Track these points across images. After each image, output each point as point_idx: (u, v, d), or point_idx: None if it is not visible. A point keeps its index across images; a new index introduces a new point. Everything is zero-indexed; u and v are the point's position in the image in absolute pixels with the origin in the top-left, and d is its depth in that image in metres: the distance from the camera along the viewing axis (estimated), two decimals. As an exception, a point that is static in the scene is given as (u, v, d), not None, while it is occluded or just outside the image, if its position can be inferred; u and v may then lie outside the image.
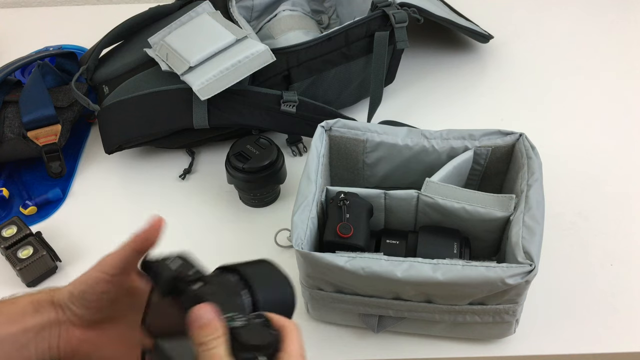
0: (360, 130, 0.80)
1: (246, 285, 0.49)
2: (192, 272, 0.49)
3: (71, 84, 0.96)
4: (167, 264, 0.50)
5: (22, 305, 0.52)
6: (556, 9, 1.23)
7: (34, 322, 0.52)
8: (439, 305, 0.70)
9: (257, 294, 0.48)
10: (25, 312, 0.52)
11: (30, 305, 0.52)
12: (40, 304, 0.52)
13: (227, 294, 0.48)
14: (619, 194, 0.92)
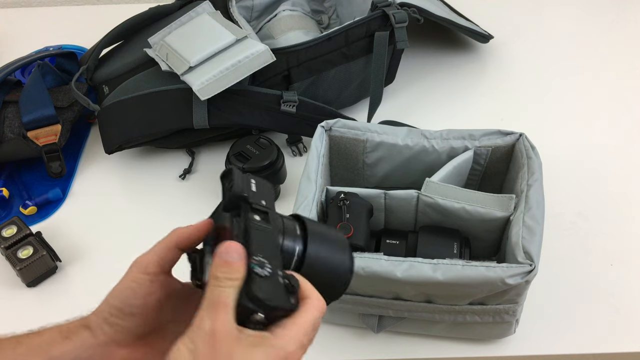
0: (360, 130, 0.80)
1: (303, 236, 0.46)
2: (263, 202, 0.46)
3: (71, 84, 0.96)
4: (248, 181, 0.47)
5: (48, 334, 0.48)
6: (556, 9, 1.23)
7: (63, 350, 0.47)
8: (439, 305, 0.70)
9: (309, 247, 0.46)
10: (52, 340, 0.47)
11: (58, 334, 0.48)
12: (70, 330, 0.48)
13: (276, 238, 0.45)
14: (619, 194, 0.92)
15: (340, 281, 0.48)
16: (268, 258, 0.43)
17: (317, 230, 0.48)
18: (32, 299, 0.83)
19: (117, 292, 0.48)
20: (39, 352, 0.47)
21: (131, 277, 0.47)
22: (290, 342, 0.42)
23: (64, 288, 0.84)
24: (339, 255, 0.48)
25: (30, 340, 0.48)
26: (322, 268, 0.47)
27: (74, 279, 0.86)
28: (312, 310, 0.43)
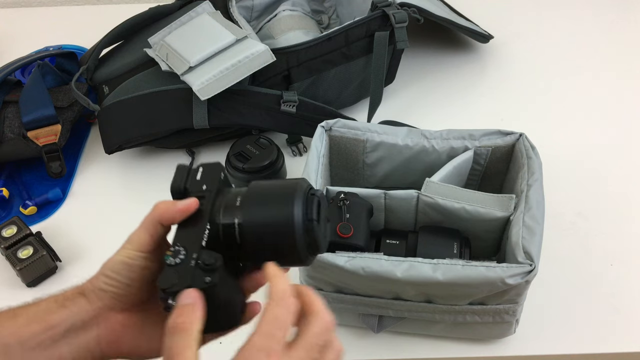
0: (360, 130, 0.80)
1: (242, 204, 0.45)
2: (204, 187, 0.47)
3: (71, 84, 0.96)
4: (195, 171, 0.48)
5: (45, 304, 0.49)
6: (556, 9, 1.23)
7: (60, 318, 0.48)
8: (439, 305, 0.70)
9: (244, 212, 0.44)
10: (49, 309, 0.48)
11: (53, 303, 0.49)
12: (67, 298, 0.49)
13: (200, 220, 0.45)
14: (619, 194, 0.92)
15: (284, 233, 0.43)
16: (186, 244, 0.44)
17: (255, 191, 0.46)
18: (32, 299, 0.83)
19: (112, 263, 0.49)
20: (37, 321, 0.48)
21: (126, 254, 0.49)
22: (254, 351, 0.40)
23: (64, 288, 0.84)
24: (278, 207, 0.44)
25: (27, 310, 0.49)
26: (262, 230, 0.44)
27: (74, 279, 0.85)
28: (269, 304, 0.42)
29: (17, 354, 0.47)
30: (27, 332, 0.47)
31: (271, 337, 0.41)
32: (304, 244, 0.44)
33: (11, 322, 0.48)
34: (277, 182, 0.47)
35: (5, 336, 0.47)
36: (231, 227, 0.45)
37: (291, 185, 0.45)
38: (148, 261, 0.49)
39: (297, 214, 0.43)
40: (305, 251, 0.45)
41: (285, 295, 0.42)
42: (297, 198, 0.44)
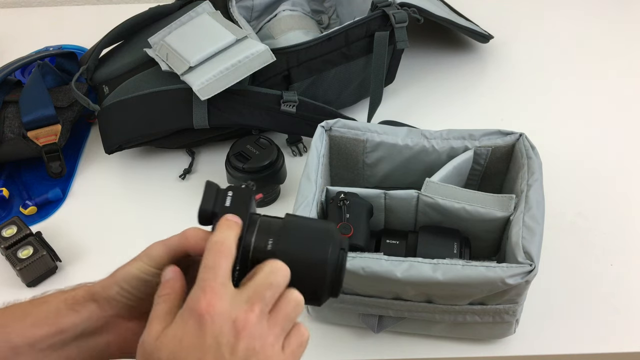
0: (360, 130, 0.80)
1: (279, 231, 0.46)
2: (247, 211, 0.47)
3: (71, 84, 0.96)
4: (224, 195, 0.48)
5: (55, 304, 0.48)
6: (556, 9, 1.23)
7: (71, 322, 0.48)
8: (439, 305, 0.70)
9: (280, 241, 0.46)
10: (59, 311, 0.48)
11: (63, 304, 0.48)
12: (77, 301, 0.48)
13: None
14: (619, 194, 0.92)
15: (315, 273, 0.46)
16: None
17: (294, 223, 0.47)
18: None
19: (127, 276, 0.48)
20: (47, 323, 0.48)
21: (142, 268, 0.48)
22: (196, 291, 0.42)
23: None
24: (314, 247, 0.46)
25: (36, 310, 0.48)
26: (294, 260, 0.45)
27: (74, 279, 0.85)
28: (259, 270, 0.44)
29: (27, 355, 0.47)
30: (37, 334, 0.47)
31: (203, 279, 0.42)
32: (329, 284, 0.46)
33: (20, 324, 0.48)
34: (313, 222, 0.49)
35: (15, 337, 0.47)
36: (263, 254, 0.46)
37: (328, 228, 0.47)
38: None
39: (331, 255, 0.46)
40: (328, 292, 0.47)
41: (215, 241, 0.44)
42: (335, 239, 0.46)
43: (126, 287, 0.48)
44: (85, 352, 0.49)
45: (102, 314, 0.49)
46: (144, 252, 0.49)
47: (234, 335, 0.41)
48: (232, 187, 0.48)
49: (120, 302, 0.48)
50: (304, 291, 0.45)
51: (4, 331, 0.47)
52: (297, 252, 0.46)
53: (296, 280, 0.45)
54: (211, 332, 0.40)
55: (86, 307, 0.48)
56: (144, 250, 0.49)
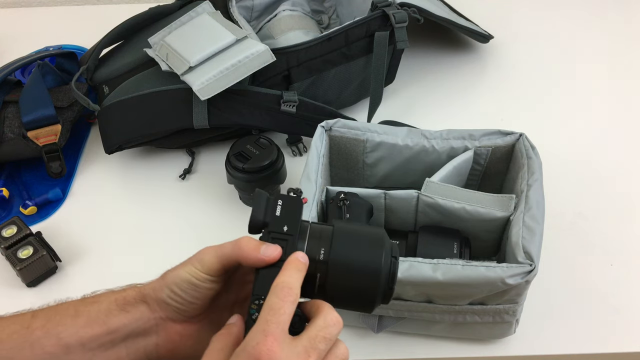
0: (360, 130, 0.80)
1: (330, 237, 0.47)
2: (285, 228, 0.47)
3: (71, 84, 0.96)
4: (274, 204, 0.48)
5: (106, 304, 0.50)
6: (556, 9, 1.23)
7: (121, 323, 0.49)
8: (439, 305, 0.70)
9: (332, 250, 0.46)
10: (109, 311, 0.49)
11: (114, 304, 0.50)
12: (128, 302, 0.50)
13: None
14: (619, 194, 0.92)
15: (369, 281, 0.46)
16: None
17: (343, 230, 0.48)
18: (32, 299, 0.83)
19: (178, 280, 0.49)
20: (98, 323, 0.49)
21: (194, 273, 0.48)
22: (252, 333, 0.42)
23: (64, 288, 0.84)
24: (368, 255, 0.47)
25: (87, 310, 0.49)
26: (348, 269, 0.46)
27: (74, 279, 0.86)
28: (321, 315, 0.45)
29: (78, 354, 0.48)
30: (89, 333, 0.48)
31: (268, 321, 0.42)
32: (383, 292, 0.47)
33: (72, 322, 0.49)
34: (364, 228, 0.49)
35: (67, 336, 0.48)
36: (315, 263, 0.46)
37: (380, 235, 0.48)
38: (215, 283, 0.49)
39: (385, 263, 0.46)
40: (380, 299, 0.47)
41: (284, 285, 0.44)
42: (386, 247, 0.47)
43: (176, 290, 0.49)
44: (133, 353, 0.50)
45: (152, 315, 0.50)
46: (195, 257, 0.49)
47: None
48: (282, 196, 0.48)
49: (170, 305, 0.49)
50: (357, 298, 0.46)
51: (57, 329, 0.48)
52: (350, 261, 0.46)
53: (350, 289, 0.46)
54: None
55: (137, 308, 0.50)
56: (196, 255, 0.49)
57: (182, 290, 0.48)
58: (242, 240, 0.48)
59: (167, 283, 0.49)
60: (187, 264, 0.49)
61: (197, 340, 0.51)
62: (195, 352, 0.50)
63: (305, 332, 0.44)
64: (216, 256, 0.48)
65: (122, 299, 0.50)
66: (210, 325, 0.51)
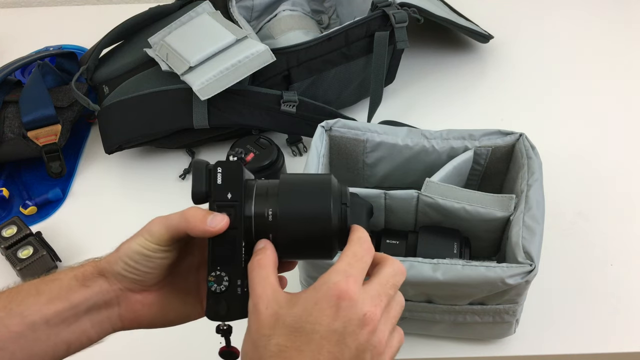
0: (360, 130, 0.80)
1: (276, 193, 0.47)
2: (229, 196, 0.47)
3: (71, 84, 0.96)
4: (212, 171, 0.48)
5: (66, 280, 0.50)
6: (556, 9, 1.23)
7: (82, 297, 0.50)
8: (439, 305, 0.70)
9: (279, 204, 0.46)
10: (70, 287, 0.50)
11: (74, 280, 0.50)
12: (87, 277, 0.51)
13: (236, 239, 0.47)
14: (619, 194, 0.92)
15: (321, 230, 0.46)
16: (227, 270, 0.46)
17: (288, 183, 0.48)
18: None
19: (130, 252, 0.50)
20: (60, 299, 0.49)
21: (144, 244, 0.49)
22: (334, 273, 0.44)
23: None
24: (313, 204, 0.47)
25: (49, 287, 0.50)
26: (297, 223, 0.46)
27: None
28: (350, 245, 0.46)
29: (43, 331, 0.49)
30: (52, 310, 0.49)
31: (350, 265, 0.44)
32: (338, 237, 0.47)
33: (35, 300, 0.49)
34: (310, 177, 0.51)
35: (31, 314, 0.49)
36: (265, 221, 0.47)
37: (325, 181, 0.48)
38: (167, 252, 0.50)
39: (334, 209, 0.47)
40: (337, 244, 0.47)
41: (363, 239, 0.46)
42: (334, 193, 0.47)
43: (129, 262, 0.50)
44: (98, 325, 0.51)
45: (111, 287, 0.51)
46: (145, 228, 0.50)
47: (360, 327, 0.42)
48: (221, 163, 0.48)
49: (126, 277, 0.50)
50: (314, 249, 0.47)
51: (19, 309, 0.49)
52: (299, 215, 0.46)
53: (303, 242, 0.46)
54: (343, 317, 0.42)
55: (96, 282, 0.50)
56: (145, 226, 0.50)
57: (135, 261, 0.49)
58: (188, 212, 0.48)
59: (121, 255, 0.50)
60: (138, 235, 0.50)
61: (160, 307, 0.52)
62: (156, 316, 0.53)
63: (376, 278, 0.45)
64: (164, 227, 0.49)
65: (82, 275, 0.51)
66: (174, 292, 0.53)
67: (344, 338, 0.42)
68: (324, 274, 0.44)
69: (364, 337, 0.42)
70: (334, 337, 0.42)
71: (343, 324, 0.42)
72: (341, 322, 0.42)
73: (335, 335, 0.42)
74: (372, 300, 0.43)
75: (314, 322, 0.42)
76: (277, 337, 0.42)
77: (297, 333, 0.42)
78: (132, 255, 0.49)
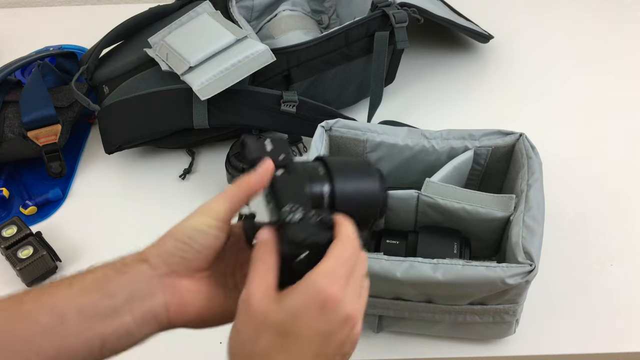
0: (360, 130, 0.80)
1: (329, 175, 0.49)
2: (281, 157, 0.49)
3: (71, 84, 0.96)
4: (262, 144, 0.50)
5: (102, 272, 0.47)
6: (556, 9, 1.23)
7: (120, 285, 0.46)
8: (439, 305, 0.70)
9: (336, 183, 0.48)
10: (107, 277, 0.46)
11: (112, 270, 0.47)
12: (125, 265, 0.47)
13: (302, 183, 0.48)
14: (619, 194, 0.92)
15: (373, 206, 0.50)
16: (297, 203, 0.46)
17: (339, 165, 0.50)
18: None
19: (187, 230, 0.48)
20: (95, 289, 0.46)
21: (204, 221, 0.48)
22: (320, 277, 0.43)
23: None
24: (366, 182, 0.50)
25: (83, 279, 0.47)
26: (354, 199, 0.49)
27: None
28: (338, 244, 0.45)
29: (74, 322, 0.45)
30: (85, 300, 0.45)
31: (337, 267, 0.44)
32: (380, 210, 0.50)
33: (67, 291, 0.46)
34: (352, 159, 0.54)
35: (61, 304, 0.45)
36: (320, 194, 0.48)
37: (368, 162, 0.52)
38: (221, 231, 0.48)
39: (380, 185, 0.50)
40: (379, 215, 0.51)
41: (351, 238, 0.46)
42: (378, 172, 0.51)
43: (186, 240, 0.47)
44: (140, 318, 0.46)
45: (154, 272, 0.47)
46: (204, 208, 0.49)
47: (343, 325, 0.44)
48: (270, 138, 0.51)
49: (176, 257, 0.47)
50: (364, 217, 0.49)
51: (50, 301, 0.45)
52: (353, 185, 0.49)
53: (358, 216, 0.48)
54: (328, 320, 0.43)
55: (135, 267, 0.47)
56: (204, 207, 0.49)
57: (191, 239, 0.47)
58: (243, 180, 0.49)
59: (172, 234, 0.48)
60: (194, 215, 0.49)
61: (207, 297, 0.49)
62: (207, 310, 0.49)
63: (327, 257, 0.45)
64: (222, 201, 0.49)
65: (120, 264, 0.48)
66: (219, 283, 0.50)
67: (329, 337, 0.44)
68: (310, 274, 0.44)
69: (345, 334, 0.44)
70: (319, 337, 0.43)
71: (329, 325, 0.43)
72: (327, 324, 0.43)
73: (320, 336, 0.43)
74: (352, 297, 0.45)
75: (301, 325, 0.43)
76: (265, 335, 0.43)
77: (284, 333, 0.43)
78: (189, 233, 0.48)
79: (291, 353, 0.43)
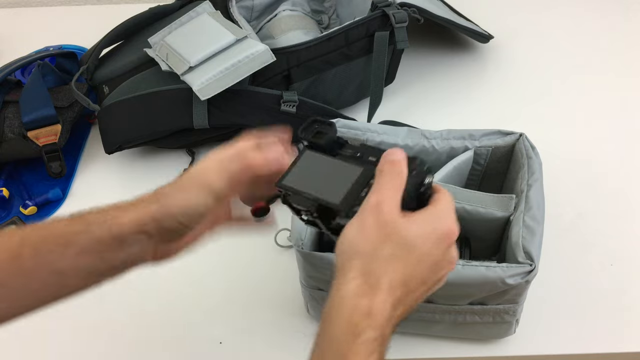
0: (360, 130, 0.80)
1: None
2: None
3: (71, 84, 0.96)
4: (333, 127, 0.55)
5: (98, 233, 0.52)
6: (556, 9, 1.23)
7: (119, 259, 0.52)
8: (439, 305, 0.70)
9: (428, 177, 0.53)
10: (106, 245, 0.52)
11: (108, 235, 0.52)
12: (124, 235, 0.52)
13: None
14: (619, 194, 0.91)
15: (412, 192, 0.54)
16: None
17: None
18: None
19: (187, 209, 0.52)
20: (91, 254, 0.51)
21: (204, 201, 0.51)
22: (444, 213, 0.50)
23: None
24: None
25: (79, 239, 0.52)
26: None
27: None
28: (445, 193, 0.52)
29: (74, 277, 0.51)
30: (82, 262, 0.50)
31: (452, 207, 0.51)
32: None
33: (64, 251, 0.50)
34: None
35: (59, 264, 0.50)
36: None
37: None
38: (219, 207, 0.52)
39: None
40: None
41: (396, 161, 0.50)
42: None
43: (183, 220, 0.51)
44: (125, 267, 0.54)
45: (151, 240, 0.53)
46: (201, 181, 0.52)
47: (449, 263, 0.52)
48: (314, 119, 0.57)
49: (171, 232, 0.53)
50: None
51: (48, 259, 0.49)
52: None
53: None
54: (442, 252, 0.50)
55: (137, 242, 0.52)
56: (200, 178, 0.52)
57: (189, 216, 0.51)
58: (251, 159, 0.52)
59: (174, 214, 0.51)
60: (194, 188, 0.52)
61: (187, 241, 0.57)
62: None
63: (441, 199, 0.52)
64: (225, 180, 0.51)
65: (118, 231, 0.51)
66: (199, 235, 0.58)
67: (436, 267, 0.50)
68: (435, 209, 0.50)
69: (446, 271, 0.51)
70: (431, 264, 0.49)
71: (441, 257, 0.50)
72: (439, 255, 0.50)
73: (432, 264, 0.49)
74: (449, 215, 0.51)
75: (424, 248, 0.48)
76: (391, 244, 0.48)
77: (409, 249, 0.48)
78: (188, 212, 0.51)
79: (407, 267, 0.48)
